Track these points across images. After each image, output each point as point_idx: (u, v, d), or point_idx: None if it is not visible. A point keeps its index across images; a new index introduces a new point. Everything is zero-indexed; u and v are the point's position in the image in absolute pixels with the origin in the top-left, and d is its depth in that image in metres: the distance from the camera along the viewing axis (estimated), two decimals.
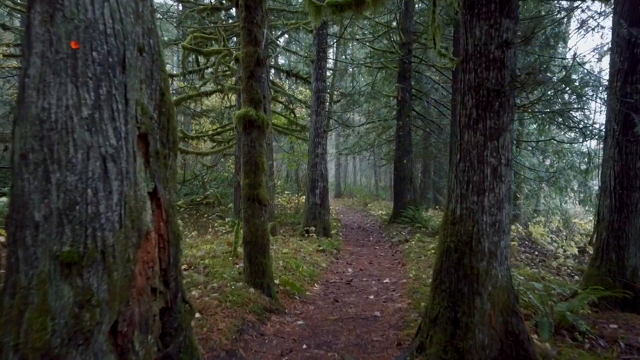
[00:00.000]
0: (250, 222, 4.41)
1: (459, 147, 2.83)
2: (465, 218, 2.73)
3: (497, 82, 2.68)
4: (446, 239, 2.81)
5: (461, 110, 2.82)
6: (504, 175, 2.73)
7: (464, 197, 2.75)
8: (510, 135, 2.76)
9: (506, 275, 2.77)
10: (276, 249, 6.84)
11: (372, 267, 7.25)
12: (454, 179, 2.84)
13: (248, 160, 4.43)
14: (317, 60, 9.86)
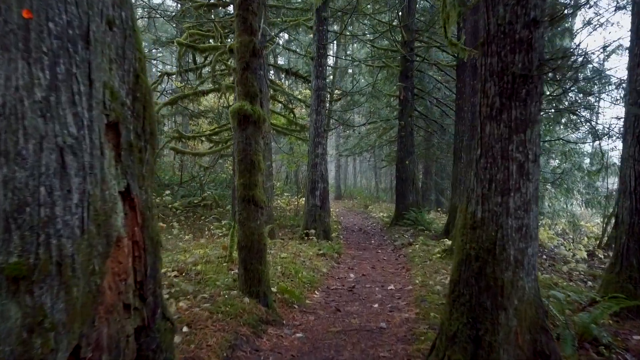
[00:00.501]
0: (246, 225, 4.08)
1: (479, 141, 2.49)
2: (487, 222, 2.39)
3: (524, 67, 2.35)
4: (465, 245, 2.47)
5: (482, 100, 2.48)
6: (532, 172, 2.39)
7: (486, 197, 2.41)
8: (538, 127, 2.42)
9: (534, 287, 2.43)
10: (274, 253, 6.50)
11: (375, 272, 6.91)
12: (474, 178, 2.50)
13: (243, 158, 4.10)
14: (317, 58, 9.54)
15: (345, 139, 25.40)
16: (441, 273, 6.25)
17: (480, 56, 2.51)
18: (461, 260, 2.47)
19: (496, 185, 2.38)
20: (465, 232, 2.48)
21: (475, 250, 2.40)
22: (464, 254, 2.46)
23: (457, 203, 10.59)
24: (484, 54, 2.48)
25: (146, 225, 2.02)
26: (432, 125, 15.25)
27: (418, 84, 14.33)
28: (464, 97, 10.63)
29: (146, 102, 2.00)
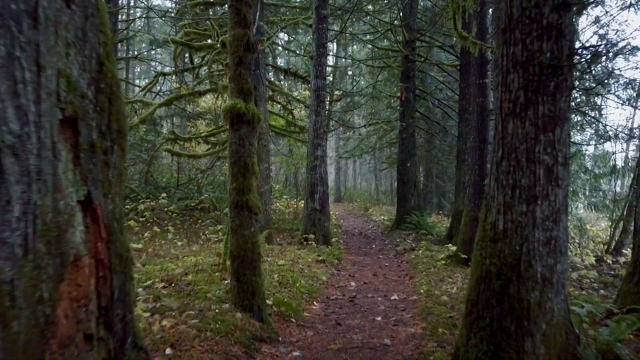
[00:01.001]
0: (238, 233, 3.76)
1: (500, 142, 2.19)
2: (510, 234, 2.08)
3: (553, 56, 2.05)
4: (484, 260, 2.16)
5: (503, 94, 2.18)
6: (561, 177, 2.09)
7: (509, 206, 2.10)
8: (568, 125, 2.12)
9: (564, 309, 2.12)
10: (271, 260, 6.19)
11: (376, 279, 6.60)
12: (494, 183, 2.20)
13: (236, 160, 3.79)
14: (316, 57, 9.25)
15: (345, 141, 25.11)
16: (447, 281, 5.94)
17: (500, 45, 2.21)
18: (480, 278, 2.16)
19: (521, 192, 2.08)
20: (484, 246, 2.17)
21: (496, 267, 2.09)
22: (483, 271, 2.15)
23: (460, 207, 10.28)
24: (506, 42, 2.18)
25: (113, 240, 1.71)
26: (434, 126, 14.96)
27: (420, 84, 14.05)
28: (467, 98, 10.33)
29: (112, 95, 1.69)
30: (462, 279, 6.10)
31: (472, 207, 7.15)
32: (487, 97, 7.06)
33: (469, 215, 7.18)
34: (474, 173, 7.18)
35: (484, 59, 7.06)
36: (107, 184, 1.68)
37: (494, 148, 2.24)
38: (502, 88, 2.19)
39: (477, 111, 7.11)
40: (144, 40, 20.94)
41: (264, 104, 8.75)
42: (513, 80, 2.14)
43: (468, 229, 7.18)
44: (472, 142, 7.23)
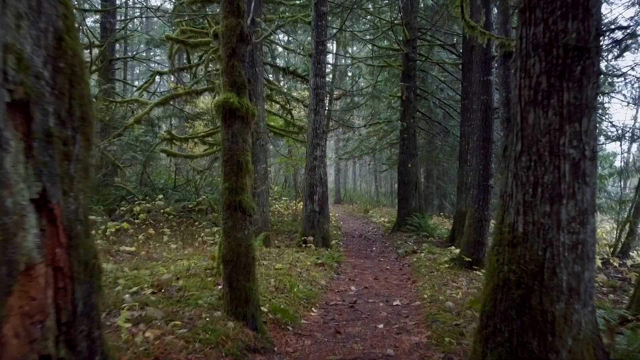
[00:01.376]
0: (231, 235, 3.53)
1: (519, 134, 1.95)
2: (532, 237, 1.85)
3: (579, 37, 1.81)
4: (502, 267, 1.92)
5: (522, 80, 1.94)
6: (589, 173, 1.85)
7: (530, 206, 1.87)
8: (595, 115, 1.89)
9: (591, 322, 1.88)
10: (268, 264, 5.94)
11: (378, 284, 6.35)
12: (512, 180, 1.96)
13: (229, 158, 3.55)
14: (315, 54, 9.02)
15: (345, 141, 24.87)
16: (451, 286, 5.69)
17: (519, 26, 1.98)
18: (497, 287, 1.92)
19: (543, 190, 1.84)
20: (501, 250, 1.94)
21: (516, 275, 1.85)
22: (501, 279, 1.91)
23: (463, 208, 10.05)
24: (525, 23, 1.95)
25: (75, 245, 1.48)
26: (435, 127, 14.73)
27: (421, 84, 13.83)
28: (470, 97, 10.12)
29: (74, 76, 1.46)
30: (467, 283, 5.86)
31: (477, 208, 6.91)
32: (492, 94, 6.84)
33: (473, 217, 6.94)
34: (478, 173, 6.95)
35: (488, 55, 6.83)
36: (67, 180, 1.45)
37: (511, 141, 2.01)
38: (521, 74, 1.95)
39: (481, 109, 6.88)
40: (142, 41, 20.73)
41: (262, 102, 8.52)
42: (534, 65, 1.90)
43: (472, 231, 6.95)
44: (476, 142, 7.00)
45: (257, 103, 8.32)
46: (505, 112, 5.42)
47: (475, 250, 6.88)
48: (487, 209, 6.90)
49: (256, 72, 8.29)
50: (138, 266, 5.66)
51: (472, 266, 6.77)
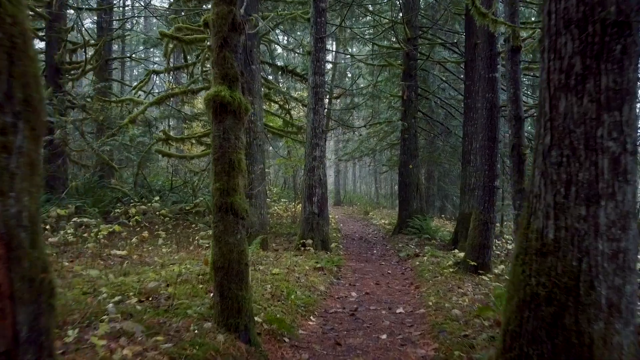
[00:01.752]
0: (222, 240, 3.26)
1: (547, 124, 1.69)
2: (564, 245, 1.58)
3: (620, 11, 1.55)
4: (529, 279, 1.66)
5: (551, 63, 1.68)
6: (630, 170, 1.59)
7: (562, 208, 1.60)
8: (635, 102, 1.62)
9: (634, 344, 1.61)
10: (264, 269, 5.67)
11: (379, 289, 6.08)
12: (540, 178, 1.70)
13: (220, 157, 3.29)
14: (314, 52, 8.77)
15: (345, 142, 24.62)
16: (456, 292, 5.42)
17: (546, 0, 1.71)
18: (523, 303, 1.65)
19: (578, 190, 1.58)
20: (528, 260, 1.67)
21: (546, 289, 1.59)
22: (528, 293, 1.64)
23: (466, 210, 9.79)
24: None
25: (16, 257, 1.21)
26: (436, 127, 14.48)
27: (422, 83, 13.58)
28: (473, 96, 9.87)
29: (15, 50, 1.19)
30: (473, 289, 5.59)
31: (482, 210, 6.65)
32: (497, 92, 6.58)
33: (478, 219, 6.67)
34: (483, 174, 6.68)
35: (494, 51, 6.58)
36: (6, 178, 1.18)
37: (538, 133, 1.74)
38: (550, 55, 1.69)
39: (486, 108, 6.63)
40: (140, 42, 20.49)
41: (259, 101, 8.27)
42: (565, 44, 1.64)
43: (477, 233, 6.68)
44: (480, 141, 6.74)
45: (255, 102, 8.06)
46: (513, 110, 5.17)
47: (481, 254, 6.61)
48: (492, 211, 6.64)
49: (253, 69, 8.03)
50: (128, 271, 5.40)
51: (478, 270, 6.50)
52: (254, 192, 7.95)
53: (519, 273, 1.70)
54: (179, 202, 14.94)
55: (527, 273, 1.67)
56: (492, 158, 6.62)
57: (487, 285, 5.87)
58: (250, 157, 8.03)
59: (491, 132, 6.61)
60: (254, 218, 7.91)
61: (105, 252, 7.01)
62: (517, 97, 5.18)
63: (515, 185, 5.20)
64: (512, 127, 5.23)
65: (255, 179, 8.03)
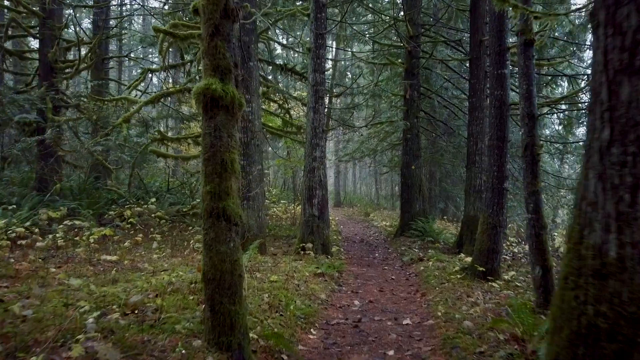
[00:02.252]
0: (213, 249, 2.94)
1: (605, 115, 1.37)
2: (631, 265, 1.27)
3: None
4: (585, 308, 1.34)
5: (609, 40, 1.36)
6: None
7: (627, 219, 1.28)
8: None
9: None
10: (261, 277, 5.34)
11: (383, 297, 5.76)
12: (596, 182, 1.38)
13: (211, 156, 2.97)
14: (314, 49, 8.46)
15: (345, 143, 24.30)
16: (466, 300, 5.11)
17: None
18: (576, 337, 1.33)
19: None
20: (582, 283, 1.35)
21: (607, 320, 1.27)
22: (583, 325, 1.32)
23: (471, 212, 9.48)
24: None
25: None
26: (439, 127, 14.17)
27: (424, 82, 13.27)
28: (478, 95, 9.57)
29: None
30: (484, 297, 5.28)
31: (490, 213, 6.33)
32: (506, 89, 6.27)
33: (487, 223, 6.36)
34: (492, 175, 6.37)
35: (502, 46, 6.27)
36: None
37: (592, 126, 1.42)
38: (607, 30, 1.37)
39: (495, 106, 6.32)
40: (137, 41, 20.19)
41: (257, 99, 7.95)
42: (628, 17, 1.32)
43: (485, 238, 6.36)
44: (489, 141, 6.43)
45: (252, 100, 7.75)
46: (526, 107, 4.86)
47: (489, 259, 6.30)
48: (502, 214, 6.32)
49: (251, 66, 7.72)
50: (118, 278, 5.08)
51: (486, 276, 6.19)
52: (252, 194, 7.64)
53: (570, 299, 1.38)
54: (176, 204, 14.63)
55: (581, 300, 1.35)
56: (502, 159, 6.31)
57: (498, 292, 5.56)
58: (248, 157, 7.71)
59: (500, 131, 6.30)
60: (251, 221, 7.59)
61: (95, 257, 6.69)
62: (531, 94, 4.88)
63: (529, 187, 4.88)
64: (524, 125, 4.92)
65: (253, 180, 7.71)
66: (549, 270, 4.81)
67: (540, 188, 4.96)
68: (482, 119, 9.51)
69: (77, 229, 8.15)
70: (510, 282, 6.22)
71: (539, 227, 4.88)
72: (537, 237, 4.87)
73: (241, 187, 7.48)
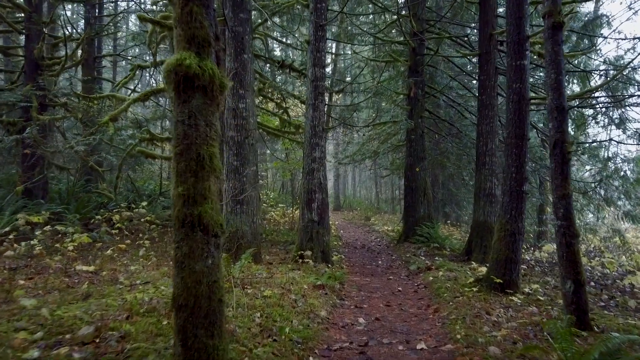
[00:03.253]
0: (186, 268, 2.32)
1: None
2: None
3: None
4: None
5: None
6: None
7: None
8: None
9: None
10: (254, 291, 4.71)
11: (391, 312, 5.14)
12: None
13: (184, 150, 2.36)
14: (314, 41, 7.87)
15: (345, 145, 23.69)
16: (485, 319, 4.49)
17: None
18: None
19: None
20: None
21: None
22: None
23: (481, 217, 8.88)
24: None
25: None
26: (444, 127, 13.57)
27: (429, 81, 12.69)
28: (488, 91, 8.98)
29: None
30: (505, 314, 4.66)
31: (508, 219, 5.72)
32: (525, 82, 5.68)
33: (504, 230, 5.75)
34: (509, 177, 5.77)
35: (522, 35, 5.68)
36: None
37: None
38: None
39: (513, 100, 5.73)
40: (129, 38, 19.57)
41: (252, 95, 7.35)
42: None
43: (503, 246, 5.75)
44: (507, 139, 5.83)
45: (246, 95, 7.15)
46: (555, 99, 4.26)
47: (507, 270, 5.68)
48: (521, 220, 5.72)
49: (245, 59, 7.12)
50: (92, 292, 4.46)
51: (504, 289, 5.57)
52: (246, 197, 7.02)
53: None
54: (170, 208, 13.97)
55: None
56: (521, 158, 5.71)
57: (519, 308, 4.94)
58: (242, 157, 7.10)
59: (519, 128, 5.70)
60: (245, 227, 6.97)
61: (72, 267, 6.06)
62: (560, 84, 4.29)
63: (558, 189, 4.29)
64: (553, 119, 4.33)
65: (247, 182, 7.10)
66: (583, 286, 4.21)
67: (571, 192, 4.35)
68: (492, 118, 8.92)
69: (61, 234, 7.54)
70: (530, 295, 5.61)
71: (570, 235, 4.28)
72: (568, 247, 4.27)
73: (231, 190, 6.86)
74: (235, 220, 6.97)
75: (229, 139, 7.12)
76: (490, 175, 8.88)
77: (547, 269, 8.52)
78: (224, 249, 7.06)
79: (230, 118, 7.11)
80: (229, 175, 7.09)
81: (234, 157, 7.09)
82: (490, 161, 8.87)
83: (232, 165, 7.09)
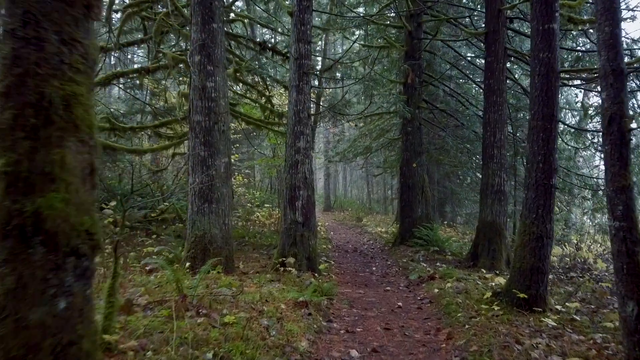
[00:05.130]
0: (10, 317, 1.19)
1: None
2: None
3: None
4: None
5: None
6: None
7: None
8: None
9: None
10: (210, 316, 3.54)
11: (392, 339, 4.02)
12: None
13: (13, 87, 1.22)
14: (298, 12, 6.75)
15: (336, 142, 22.59)
16: (514, 349, 3.39)
17: None
18: None
19: None
20: None
21: None
22: None
23: (488, 217, 7.82)
24: None
25: None
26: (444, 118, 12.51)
27: (427, 68, 11.63)
28: (496, 75, 7.94)
29: None
30: (541, 344, 3.57)
31: (534, 219, 4.65)
32: (555, 51, 4.63)
33: (529, 233, 4.67)
34: (535, 167, 4.69)
35: None
36: None
37: None
38: None
39: (539, 73, 4.67)
40: None
41: (222, 71, 6.19)
42: None
43: (527, 253, 4.67)
44: (533, 121, 4.76)
45: (216, 72, 5.99)
46: (610, 60, 3.18)
47: (533, 282, 4.60)
48: (550, 221, 4.64)
49: (214, 29, 5.97)
50: None
51: (531, 306, 4.50)
52: (215, 194, 5.86)
53: None
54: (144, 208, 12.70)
55: None
56: (549, 144, 4.64)
57: (555, 333, 3.86)
58: (210, 147, 5.94)
59: (547, 107, 4.63)
60: (214, 230, 5.82)
61: None
62: (616, 39, 3.23)
63: (615, 179, 3.23)
64: (607, 87, 3.27)
65: (217, 176, 5.94)
66: None
67: (632, 183, 3.28)
68: (501, 105, 7.88)
69: None
70: (563, 313, 4.54)
71: (631, 240, 3.20)
72: (630, 257, 3.18)
73: (198, 185, 5.69)
74: (202, 222, 5.81)
75: (195, 124, 5.95)
76: (499, 170, 7.84)
77: (564, 276, 7.48)
78: (189, 257, 5.91)
79: (196, 99, 5.95)
80: (195, 168, 5.93)
81: (201, 146, 5.92)
82: (499, 154, 7.83)
83: (199, 155, 5.92)
